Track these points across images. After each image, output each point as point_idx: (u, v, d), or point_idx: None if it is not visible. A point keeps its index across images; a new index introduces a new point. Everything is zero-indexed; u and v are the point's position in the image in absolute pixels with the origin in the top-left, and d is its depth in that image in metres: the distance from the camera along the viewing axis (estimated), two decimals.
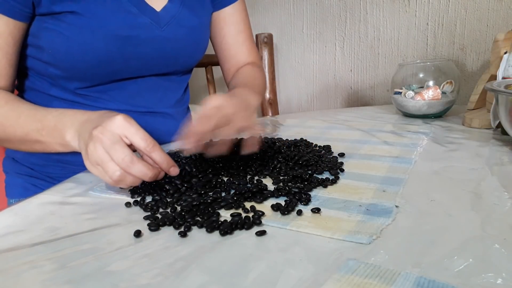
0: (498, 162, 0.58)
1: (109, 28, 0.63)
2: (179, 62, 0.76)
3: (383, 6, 1.17)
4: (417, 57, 1.14)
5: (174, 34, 0.71)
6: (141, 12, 0.67)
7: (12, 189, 0.78)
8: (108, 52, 0.65)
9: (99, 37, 0.63)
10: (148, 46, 0.69)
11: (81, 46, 0.63)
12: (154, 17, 0.69)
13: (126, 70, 0.69)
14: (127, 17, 0.65)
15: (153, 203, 0.47)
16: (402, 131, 0.77)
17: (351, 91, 1.30)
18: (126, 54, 0.67)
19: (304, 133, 0.79)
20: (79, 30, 0.62)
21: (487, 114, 0.76)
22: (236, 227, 0.41)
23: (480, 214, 0.41)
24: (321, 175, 0.54)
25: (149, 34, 0.68)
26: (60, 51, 0.63)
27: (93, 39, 0.63)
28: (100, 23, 0.63)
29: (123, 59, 0.67)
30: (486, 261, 0.33)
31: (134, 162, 0.46)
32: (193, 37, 0.76)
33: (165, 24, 0.70)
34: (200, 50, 0.79)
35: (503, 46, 0.79)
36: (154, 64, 0.72)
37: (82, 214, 0.47)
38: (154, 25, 0.69)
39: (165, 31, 0.70)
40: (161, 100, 0.77)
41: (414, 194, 0.47)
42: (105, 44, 0.64)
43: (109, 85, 0.70)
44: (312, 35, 1.34)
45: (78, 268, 0.35)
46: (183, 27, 0.73)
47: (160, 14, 0.70)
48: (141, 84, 0.73)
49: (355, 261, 0.34)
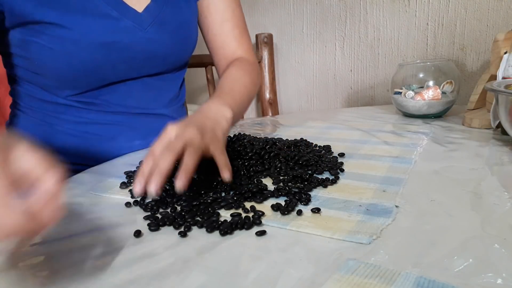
0: (498, 162, 0.58)
1: (91, 36, 0.62)
2: (168, 61, 0.74)
3: (383, 6, 1.17)
4: (417, 57, 1.14)
5: (158, 35, 0.69)
6: (121, 15, 0.65)
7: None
8: (94, 61, 0.64)
9: (83, 46, 0.62)
10: (133, 49, 0.67)
11: (66, 57, 0.62)
12: (136, 19, 0.67)
13: (114, 74, 0.68)
14: (108, 23, 0.63)
15: (153, 203, 0.47)
16: (402, 131, 0.77)
17: (351, 91, 1.30)
18: (112, 60, 0.66)
19: (304, 133, 0.79)
20: (61, 42, 0.61)
21: (487, 114, 0.76)
22: (236, 227, 0.41)
23: (480, 214, 0.41)
24: (321, 175, 0.54)
25: (133, 38, 0.66)
26: (46, 62, 0.63)
27: (77, 49, 0.62)
28: (81, 32, 0.61)
29: (110, 65, 0.66)
30: (486, 261, 0.33)
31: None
32: (180, 35, 0.73)
33: (148, 25, 0.68)
34: (188, 47, 0.77)
35: (503, 46, 0.79)
36: (142, 66, 0.70)
37: (82, 214, 0.47)
38: (136, 27, 0.66)
39: (148, 32, 0.68)
40: (155, 100, 0.75)
41: (414, 194, 0.47)
42: (89, 53, 0.63)
43: (100, 90, 0.69)
44: (312, 35, 1.34)
45: (78, 268, 0.35)
46: (167, 26, 0.70)
47: (142, 15, 0.67)
48: (132, 86, 0.71)
49: (355, 261, 0.34)
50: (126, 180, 0.56)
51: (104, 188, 0.54)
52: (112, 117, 0.72)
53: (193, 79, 1.67)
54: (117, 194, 0.52)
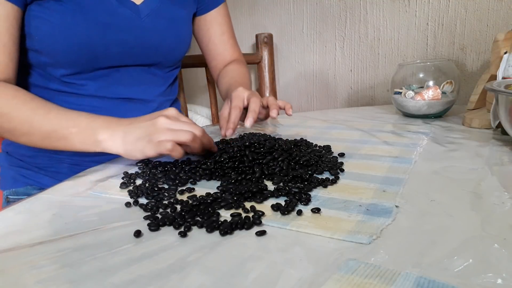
0: (498, 162, 0.58)
1: (89, 13, 0.67)
2: (160, 53, 0.79)
3: (383, 6, 1.17)
4: (417, 57, 1.14)
5: (154, 25, 0.75)
6: (121, 4, 0.71)
7: (5, 181, 0.81)
8: (88, 37, 0.68)
9: (79, 21, 0.67)
10: (128, 34, 0.72)
11: (62, 30, 0.66)
12: (133, 8, 0.73)
13: (107, 57, 0.73)
14: (107, 6, 0.69)
15: (153, 203, 0.47)
16: (402, 131, 0.77)
17: (351, 91, 1.30)
18: (107, 40, 0.70)
19: (304, 133, 0.79)
20: (60, 15, 0.66)
21: (487, 114, 0.76)
22: (236, 227, 0.41)
23: (480, 214, 0.41)
24: (321, 175, 0.54)
25: (129, 24, 0.72)
26: (45, 36, 0.67)
27: (74, 23, 0.67)
28: (80, 8, 0.67)
29: (104, 45, 0.70)
30: (486, 261, 0.33)
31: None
32: (174, 29, 0.80)
33: (145, 16, 0.74)
34: (182, 44, 0.83)
35: (503, 46, 0.79)
36: (134, 52, 0.75)
37: (82, 214, 0.47)
38: (133, 15, 0.73)
39: (145, 22, 0.74)
40: (145, 91, 0.80)
41: (414, 194, 0.47)
42: (85, 28, 0.67)
43: (92, 73, 0.73)
44: (312, 35, 1.34)
45: (78, 268, 0.35)
46: (163, 19, 0.77)
47: (140, 7, 0.74)
48: (124, 74, 0.77)
49: (355, 261, 0.34)
50: (126, 180, 0.56)
51: (104, 188, 0.54)
52: (101, 103, 0.76)
53: (193, 79, 1.67)
54: (117, 194, 0.52)
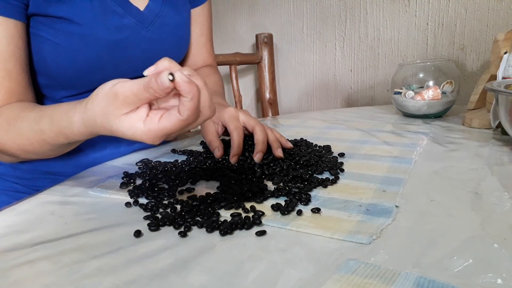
0: (498, 162, 0.58)
1: (99, 33, 0.62)
2: None
3: (383, 6, 1.17)
4: (417, 57, 1.14)
5: (158, 34, 0.71)
6: (126, 12, 0.66)
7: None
8: (98, 59, 0.63)
9: (91, 43, 0.61)
10: (135, 48, 0.68)
11: (70, 54, 0.61)
12: (138, 17, 0.68)
13: (114, 75, 0.66)
14: (113, 19, 0.63)
15: (153, 203, 0.47)
16: (402, 131, 0.77)
17: (351, 91, 1.30)
18: (116, 59, 0.66)
19: (304, 133, 0.79)
20: (69, 37, 0.60)
21: (487, 114, 0.76)
22: (236, 227, 0.41)
23: (480, 214, 0.41)
24: (321, 175, 0.54)
25: (136, 36, 0.67)
26: (47, 58, 0.61)
27: (84, 46, 0.61)
28: (90, 29, 0.61)
29: (113, 65, 0.66)
30: (486, 261, 0.33)
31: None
32: (176, 36, 0.76)
33: (150, 24, 0.69)
34: (183, 48, 0.80)
35: (503, 46, 0.79)
36: (141, 66, 0.69)
37: (82, 214, 0.47)
38: (139, 25, 0.68)
39: (150, 31, 0.70)
40: None
41: (414, 194, 0.47)
42: (95, 50, 0.62)
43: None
44: (312, 35, 1.34)
45: (78, 268, 0.35)
46: (166, 26, 0.72)
47: (144, 13, 0.69)
48: None
49: (355, 261, 0.34)
50: (126, 180, 0.56)
51: (104, 188, 0.54)
52: None
53: None
54: (117, 194, 0.52)
